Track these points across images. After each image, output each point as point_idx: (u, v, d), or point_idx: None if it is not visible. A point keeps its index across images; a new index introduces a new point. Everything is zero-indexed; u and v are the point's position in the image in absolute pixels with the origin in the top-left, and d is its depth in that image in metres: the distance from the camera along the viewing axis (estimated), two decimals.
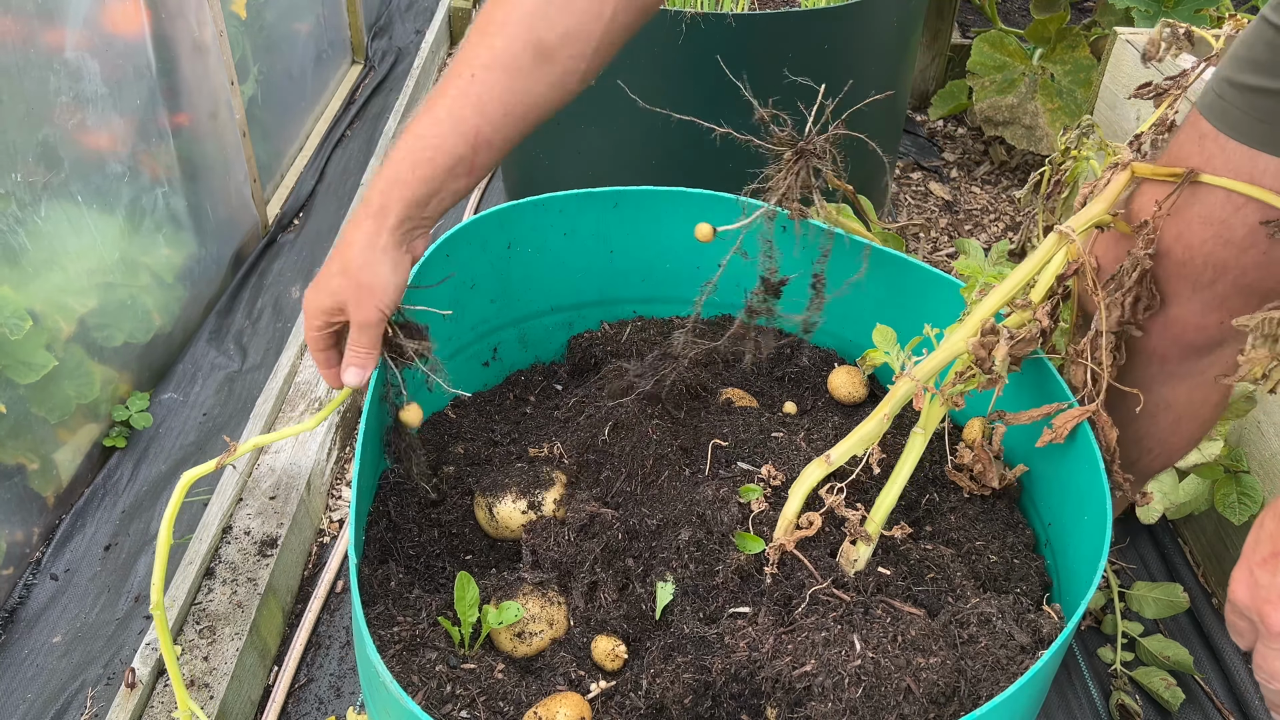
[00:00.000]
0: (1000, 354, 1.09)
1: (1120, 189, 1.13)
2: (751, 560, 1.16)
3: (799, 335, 1.57)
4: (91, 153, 1.73)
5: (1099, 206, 1.12)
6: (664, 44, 1.82)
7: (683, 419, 1.37)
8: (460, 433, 1.43)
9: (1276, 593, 0.81)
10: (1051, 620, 1.09)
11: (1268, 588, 0.82)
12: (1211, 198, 1.05)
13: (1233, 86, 1.02)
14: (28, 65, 1.56)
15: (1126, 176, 1.12)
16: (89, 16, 1.69)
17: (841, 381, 1.46)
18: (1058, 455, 1.22)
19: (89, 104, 1.72)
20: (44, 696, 1.43)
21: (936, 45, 2.91)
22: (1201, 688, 1.54)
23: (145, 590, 1.58)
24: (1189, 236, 1.07)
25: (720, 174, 1.92)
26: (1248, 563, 0.86)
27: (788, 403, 1.46)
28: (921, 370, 1.13)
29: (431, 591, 1.20)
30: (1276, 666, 0.84)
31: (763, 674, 1.05)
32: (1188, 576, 1.69)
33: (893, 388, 1.14)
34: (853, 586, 1.14)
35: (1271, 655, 0.84)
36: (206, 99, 2.08)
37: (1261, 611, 0.83)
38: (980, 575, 1.21)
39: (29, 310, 1.55)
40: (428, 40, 3.07)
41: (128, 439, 1.83)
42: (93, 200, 1.73)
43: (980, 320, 1.12)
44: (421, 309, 1.23)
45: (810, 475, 1.15)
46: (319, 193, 2.53)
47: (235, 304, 2.16)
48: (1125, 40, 1.95)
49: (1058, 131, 2.44)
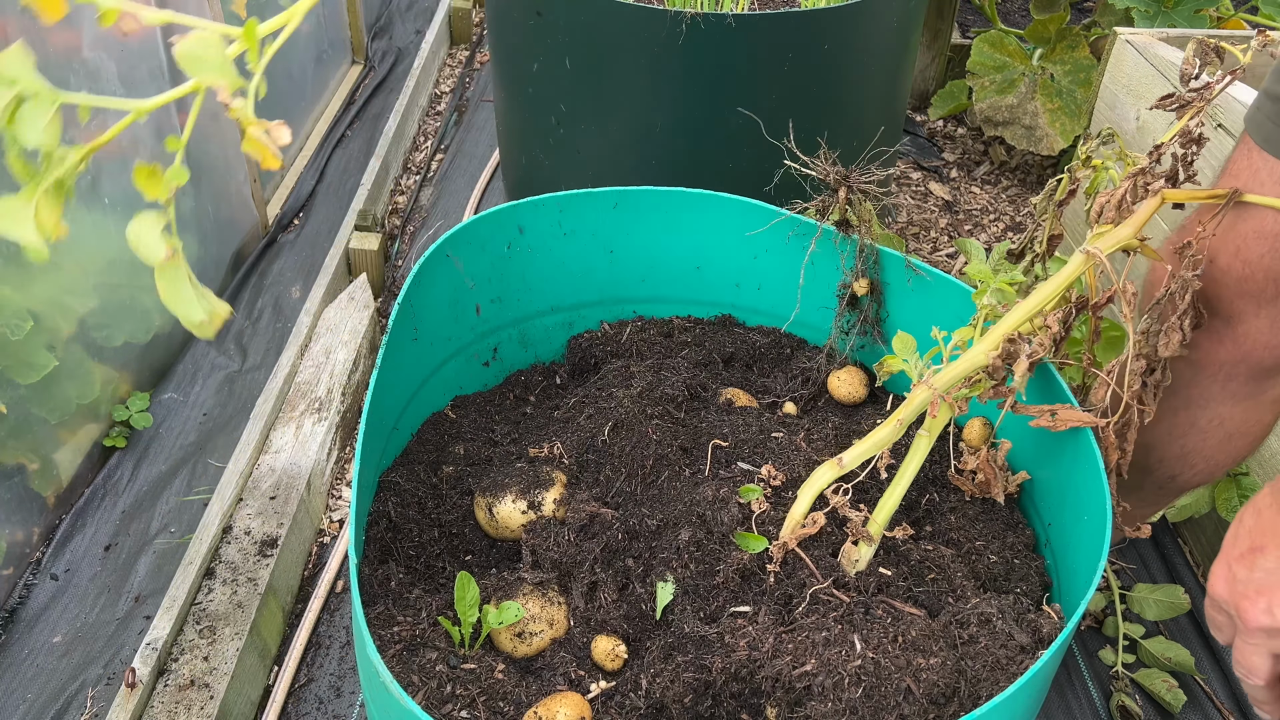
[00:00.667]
0: (1021, 369, 1.10)
1: (1149, 214, 1.13)
2: (754, 559, 1.16)
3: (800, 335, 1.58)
4: (100, 153, 1.73)
5: (1127, 230, 1.12)
6: (664, 44, 1.82)
7: (683, 419, 1.37)
8: (460, 433, 1.43)
9: (1254, 588, 0.81)
10: (1051, 620, 1.09)
11: (1245, 583, 0.82)
12: (1264, 211, 1.04)
13: (1270, 99, 1.02)
14: (47, 65, 1.56)
15: (1157, 202, 1.12)
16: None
17: (841, 381, 1.46)
18: (1058, 456, 1.22)
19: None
20: (44, 696, 1.43)
21: (936, 45, 2.91)
22: (1202, 688, 1.54)
23: (145, 590, 1.58)
24: (1246, 252, 1.07)
25: (720, 174, 1.92)
26: (1226, 558, 0.86)
27: (788, 403, 1.46)
28: (941, 380, 1.13)
29: (431, 591, 1.20)
30: (1254, 662, 0.84)
31: (763, 673, 1.05)
32: (1188, 576, 1.69)
33: (910, 394, 1.15)
34: (853, 586, 1.14)
35: (1249, 650, 0.84)
36: (207, 99, 2.08)
37: (1239, 607, 0.83)
38: (980, 575, 1.21)
39: (29, 310, 1.55)
40: (428, 40, 3.07)
41: (128, 439, 1.83)
42: (106, 201, 1.73)
43: (1003, 334, 1.13)
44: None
45: (821, 477, 1.16)
46: (319, 193, 2.53)
47: (235, 304, 2.16)
48: (1125, 40, 1.95)
49: (1058, 131, 2.44)
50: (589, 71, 1.93)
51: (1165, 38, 1.92)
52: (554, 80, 1.99)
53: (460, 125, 2.92)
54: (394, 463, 1.37)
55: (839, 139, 1.64)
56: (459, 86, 3.12)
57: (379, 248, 2.22)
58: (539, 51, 1.97)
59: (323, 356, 1.92)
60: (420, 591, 1.18)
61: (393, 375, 1.30)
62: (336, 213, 2.43)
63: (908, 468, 1.16)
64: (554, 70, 1.97)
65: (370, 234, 2.24)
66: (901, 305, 1.44)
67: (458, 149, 2.79)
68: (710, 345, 1.54)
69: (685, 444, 1.33)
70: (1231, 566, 0.84)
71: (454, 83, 3.15)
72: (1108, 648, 1.56)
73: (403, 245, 2.42)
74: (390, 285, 2.28)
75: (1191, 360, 1.14)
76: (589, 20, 1.86)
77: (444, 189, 2.61)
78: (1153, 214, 1.13)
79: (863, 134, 1.99)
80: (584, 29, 1.88)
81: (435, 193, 2.60)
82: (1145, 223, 1.13)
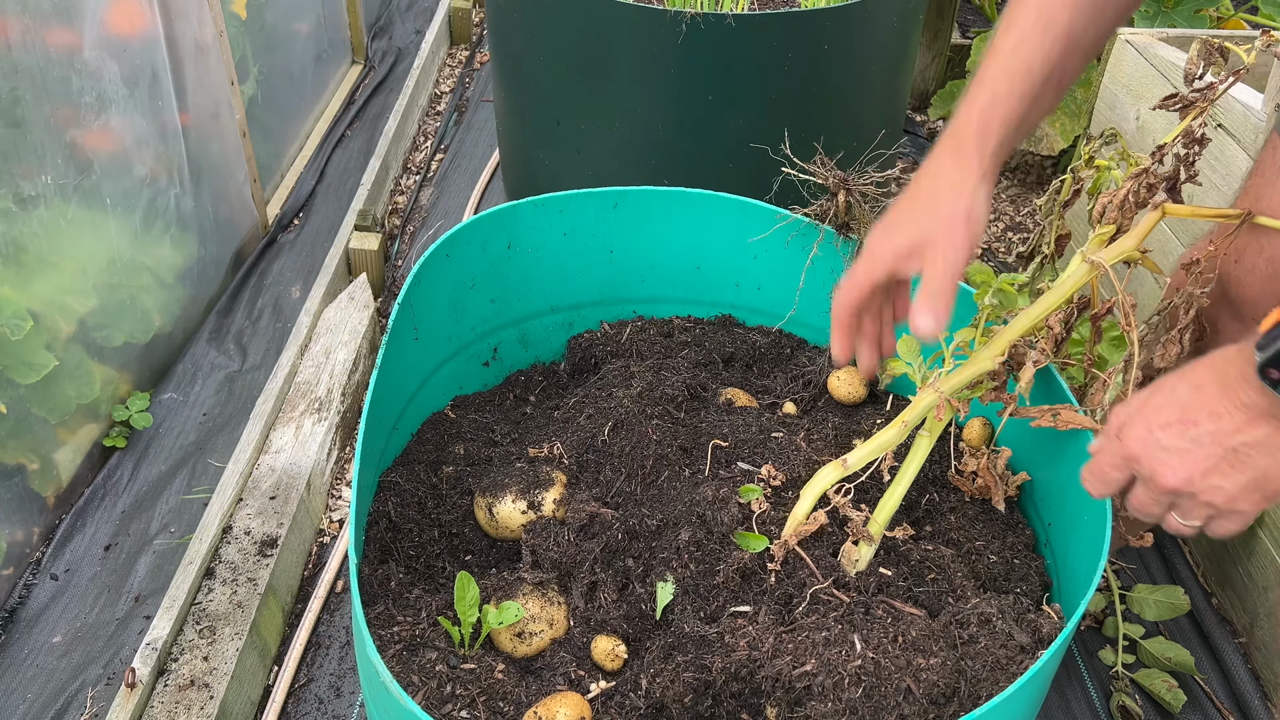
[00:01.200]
0: (1026, 376, 1.10)
1: (1150, 227, 1.13)
2: (754, 559, 1.16)
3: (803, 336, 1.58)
4: (101, 153, 1.73)
5: (1130, 242, 1.13)
6: (664, 44, 1.82)
7: (683, 419, 1.37)
8: (460, 433, 1.43)
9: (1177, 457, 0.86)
10: (1051, 620, 1.09)
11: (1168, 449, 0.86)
12: None
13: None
14: (47, 64, 1.56)
15: (1158, 216, 1.13)
16: (104, 18, 1.70)
17: (842, 381, 1.46)
18: (1058, 456, 1.22)
19: (111, 104, 1.73)
20: (44, 696, 1.43)
21: (936, 45, 2.91)
22: (1202, 688, 1.54)
23: (145, 590, 1.58)
24: (1271, 249, 1.07)
25: (720, 174, 1.92)
26: (1147, 421, 0.89)
27: (788, 403, 1.46)
28: (948, 384, 1.14)
29: (431, 591, 1.20)
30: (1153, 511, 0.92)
31: (763, 673, 1.05)
32: (1187, 576, 1.69)
33: (915, 398, 1.15)
34: (854, 586, 1.14)
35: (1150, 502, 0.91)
36: (207, 99, 2.08)
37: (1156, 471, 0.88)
38: (980, 575, 1.21)
39: (29, 310, 1.55)
40: (428, 40, 3.07)
41: (128, 439, 1.83)
42: (106, 202, 1.73)
43: (1009, 342, 1.13)
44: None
45: (824, 478, 1.16)
46: (319, 193, 2.53)
47: (235, 304, 2.16)
48: (1125, 40, 1.95)
49: (1058, 131, 2.44)
50: (589, 71, 1.93)
51: (1165, 38, 1.92)
52: (554, 80, 1.99)
53: (460, 125, 2.92)
54: (394, 463, 1.37)
55: (839, 139, 1.65)
56: (459, 86, 3.12)
57: (379, 248, 2.22)
58: (539, 51, 1.97)
59: (323, 356, 1.92)
60: (420, 591, 1.18)
61: (393, 375, 1.30)
62: (336, 213, 2.43)
63: (909, 467, 1.16)
64: (554, 70, 1.97)
65: (370, 234, 2.24)
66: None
67: (458, 149, 2.79)
68: (710, 345, 1.54)
69: (685, 444, 1.33)
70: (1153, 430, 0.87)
71: (454, 83, 3.15)
72: (1108, 648, 1.56)
73: (403, 245, 2.42)
74: (390, 285, 2.28)
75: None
76: (589, 20, 1.86)
77: (444, 189, 2.61)
78: (1153, 226, 1.14)
79: (862, 134, 1.99)
80: (584, 29, 1.88)
81: (435, 193, 2.60)
82: (1147, 234, 1.13)
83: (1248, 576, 1.58)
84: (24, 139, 1.54)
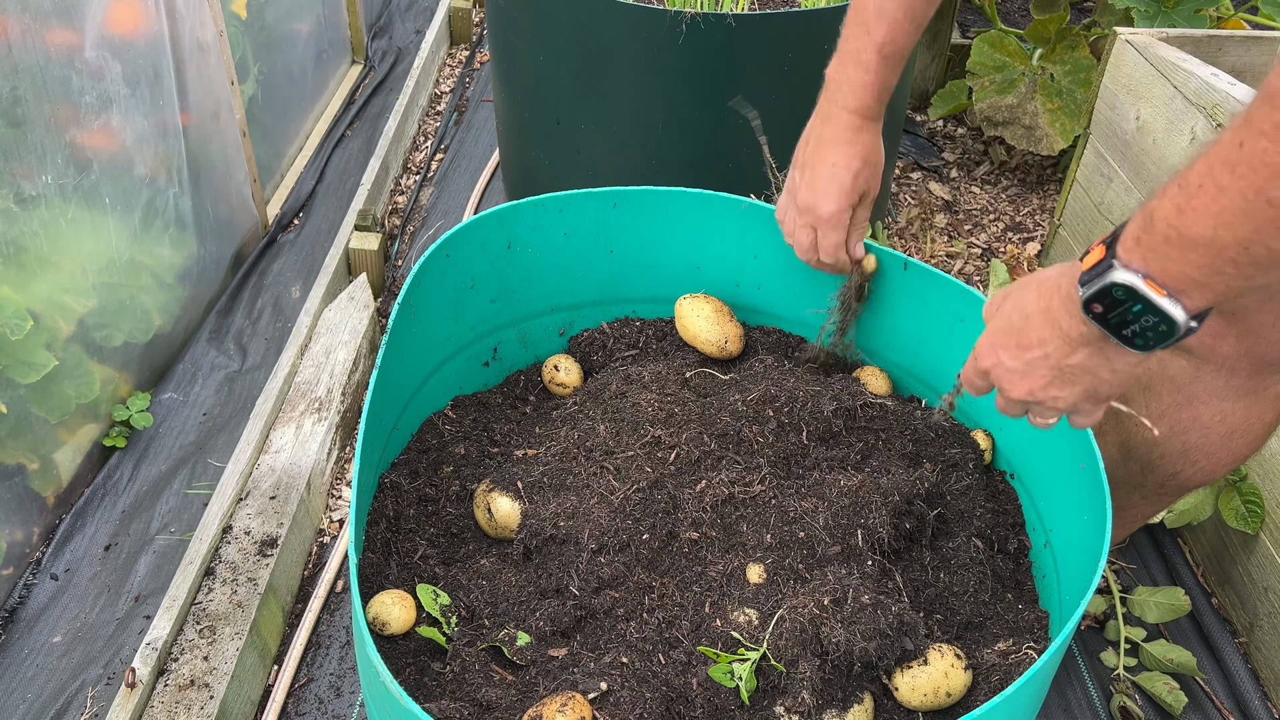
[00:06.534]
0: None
1: None
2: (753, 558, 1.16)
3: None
4: (101, 153, 1.73)
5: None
6: (664, 44, 1.82)
7: (683, 418, 1.37)
8: (460, 433, 1.43)
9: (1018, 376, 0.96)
10: (1042, 617, 1.09)
11: (1010, 370, 0.97)
12: None
13: None
14: (48, 64, 1.56)
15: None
16: (105, 17, 1.70)
17: (867, 380, 1.46)
18: (1058, 455, 1.22)
19: (111, 104, 1.73)
20: (44, 696, 1.43)
21: (936, 45, 2.91)
22: (1203, 689, 1.54)
23: (145, 590, 1.58)
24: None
25: (720, 174, 1.92)
26: (994, 344, 0.98)
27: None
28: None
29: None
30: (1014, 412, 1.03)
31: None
32: (1187, 576, 1.69)
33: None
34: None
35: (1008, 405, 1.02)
36: (208, 99, 2.08)
37: (1004, 386, 0.99)
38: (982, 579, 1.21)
39: (29, 310, 1.55)
40: (428, 40, 3.07)
41: (128, 439, 1.83)
42: (106, 201, 1.73)
43: None
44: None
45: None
46: (319, 193, 2.53)
47: (235, 304, 2.16)
48: (1125, 40, 1.95)
49: (1058, 131, 2.44)
50: (589, 71, 1.93)
51: (1165, 38, 1.92)
52: (554, 80, 1.99)
53: (460, 125, 2.92)
54: (394, 463, 1.37)
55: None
56: (459, 86, 3.12)
57: (379, 248, 2.22)
58: (539, 51, 1.97)
59: (323, 356, 1.92)
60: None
61: (393, 375, 1.30)
62: (336, 213, 2.42)
63: None
64: (554, 70, 1.97)
65: (370, 234, 2.24)
66: (900, 305, 1.44)
67: (458, 149, 2.79)
68: None
69: (686, 445, 1.33)
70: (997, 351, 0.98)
71: (454, 83, 3.15)
72: (1109, 649, 1.56)
73: (403, 245, 2.42)
74: (390, 285, 2.28)
75: (1194, 356, 1.15)
76: (589, 20, 1.86)
77: (444, 189, 2.61)
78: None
79: None
80: (584, 29, 1.88)
81: (435, 193, 2.60)
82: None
83: (1248, 576, 1.58)
84: (24, 139, 1.54)
